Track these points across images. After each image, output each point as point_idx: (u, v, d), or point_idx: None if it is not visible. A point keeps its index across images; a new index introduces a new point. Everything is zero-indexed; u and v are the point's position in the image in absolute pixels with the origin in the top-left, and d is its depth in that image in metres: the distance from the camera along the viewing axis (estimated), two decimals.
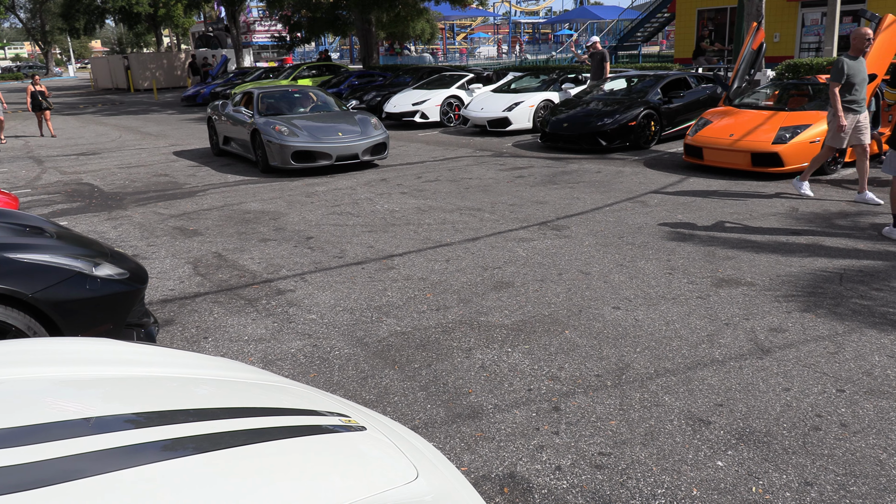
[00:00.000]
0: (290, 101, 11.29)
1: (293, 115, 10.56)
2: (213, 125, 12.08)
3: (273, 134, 9.70)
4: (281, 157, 9.64)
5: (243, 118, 10.66)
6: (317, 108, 11.28)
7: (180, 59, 38.19)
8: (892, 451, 2.85)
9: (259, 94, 10.98)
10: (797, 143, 8.16)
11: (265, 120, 10.08)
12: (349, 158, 9.91)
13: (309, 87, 12.03)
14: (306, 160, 9.70)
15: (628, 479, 2.73)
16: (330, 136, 9.83)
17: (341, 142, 9.83)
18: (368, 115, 10.85)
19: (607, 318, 4.35)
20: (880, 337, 3.93)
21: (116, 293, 3.42)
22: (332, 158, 9.75)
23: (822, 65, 12.50)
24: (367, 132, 10.16)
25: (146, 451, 1.39)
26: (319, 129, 9.97)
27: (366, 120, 10.52)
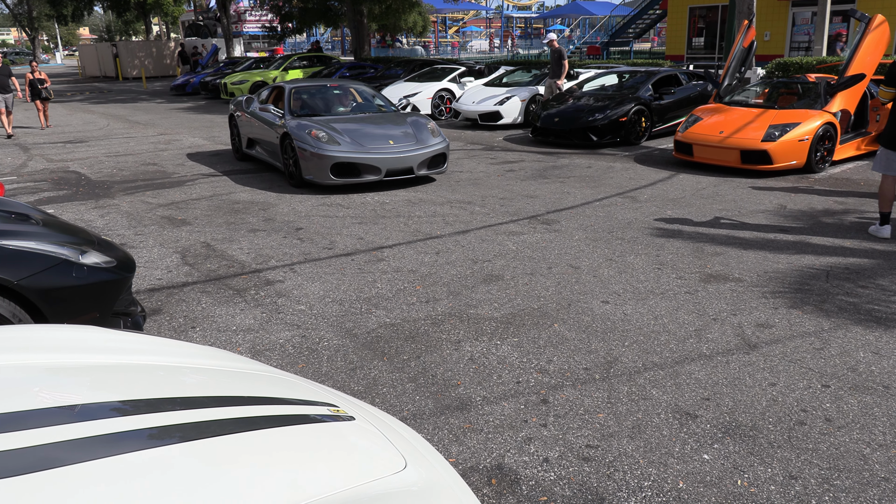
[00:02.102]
0: (329, 99, 9.44)
1: (332, 117, 8.72)
2: (235, 124, 10.28)
3: (308, 140, 7.86)
4: (318, 169, 7.82)
5: (271, 118, 8.82)
6: (360, 108, 9.46)
7: (170, 48, 37.86)
8: (876, 446, 2.88)
9: (291, 89, 9.10)
10: (786, 141, 8.20)
11: (298, 122, 8.22)
12: (401, 173, 8.01)
13: (350, 83, 10.02)
14: (349, 174, 7.86)
15: (615, 472, 2.75)
16: (378, 145, 7.95)
17: (393, 152, 7.93)
18: (422, 117, 8.93)
19: (596, 312, 4.36)
20: (865, 333, 3.97)
21: (103, 281, 3.39)
22: (380, 173, 7.87)
23: (812, 64, 12.57)
24: (423, 139, 8.25)
25: (132, 439, 1.37)
26: (365, 136, 8.09)
27: (420, 123, 8.61)
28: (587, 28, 37.59)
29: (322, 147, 7.79)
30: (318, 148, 7.79)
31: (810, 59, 13.19)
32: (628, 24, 29.56)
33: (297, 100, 9.05)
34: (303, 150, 7.90)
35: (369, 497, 1.39)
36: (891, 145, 5.77)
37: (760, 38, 20.60)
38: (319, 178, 7.90)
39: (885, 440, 2.92)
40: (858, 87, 8.68)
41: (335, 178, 7.84)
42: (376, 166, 7.85)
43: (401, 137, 8.21)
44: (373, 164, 7.84)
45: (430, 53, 43.90)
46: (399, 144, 8.06)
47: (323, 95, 9.48)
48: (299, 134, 8.01)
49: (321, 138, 7.86)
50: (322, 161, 7.78)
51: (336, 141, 7.86)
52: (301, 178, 8.13)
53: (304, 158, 7.92)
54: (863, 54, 8.42)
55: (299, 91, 9.28)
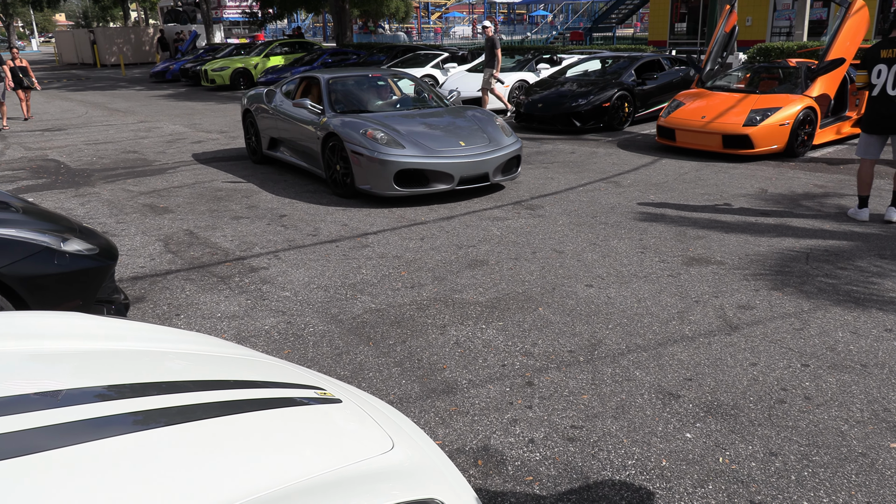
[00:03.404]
0: (372, 91, 8.16)
1: (382, 113, 7.47)
2: (252, 121, 8.91)
3: (363, 142, 6.54)
4: (377, 177, 6.51)
5: (307, 115, 7.55)
6: (409, 102, 8.15)
7: (148, 34, 37.31)
8: (854, 423, 2.94)
9: (328, 80, 7.82)
10: (767, 125, 8.27)
11: (347, 120, 6.96)
12: (476, 180, 6.78)
13: (390, 71, 8.75)
14: (416, 183, 6.59)
15: (600, 451, 2.79)
16: (448, 146, 6.69)
17: (466, 154, 6.67)
18: (485, 112, 7.66)
19: (580, 296, 4.39)
20: (844, 314, 4.04)
21: (85, 269, 3.37)
22: (453, 181, 6.62)
23: (793, 49, 12.65)
24: (496, 138, 7.03)
25: (116, 424, 1.37)
26: (430, 135, 6.81)
27: (487, 119, 7.39)
28: (570, 14, 37.53)
29: (382, 150, 6.46)
30: (377, 151, 6.45)
31: (791, 44, 13.28)
32: (611, 9, 29.55)
33: (336, 93, 7.73)
34: (357, 154, 6.57)
35: (357, 477, 1.40)
36: (869, 129, 5.86)
37: (742, 23, 20.68)
38: (379, 187, 6.55)
39: (862, 417, 2.98)
40: (838, 72, 8.75)
41: (400, 188, 6.51)
42: (448, 173, 6.57)
43: (471, 137, 6.95)
44: (444, 170, 6.55)
45: (412, 39, 43.64)
46: (471, 146, 6.79)
47: (365, 87, 8.15)
48: (350, 134, 6.67)
49: (379, 139, 6.54)
50: (384, 168, 6.44)
51: (398, 143, 6.56)
52: (352, 188, 6.83)
53: (359, 164, 6.58)
54: (842, 39, 8.48)
55: (338, 82, 7.90)
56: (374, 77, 8.34)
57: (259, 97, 8.78)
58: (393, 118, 7.20)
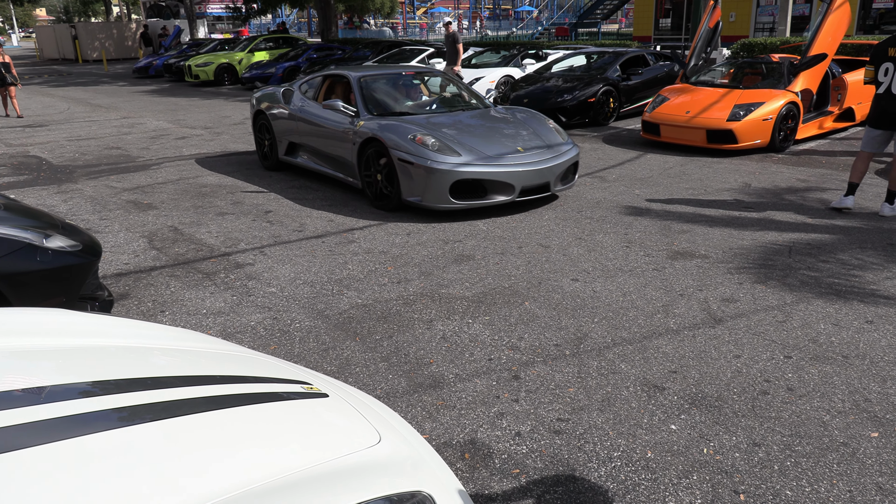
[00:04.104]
0: (407, 91, 7.47)
1: (421, 115, 6.79)
2: (265, 123, 8.13)
3: (412, 149, 5.87)
4: (430, 188, 5.82)
5: (338, 119, 6.84)
6: (450, 102, 7.41)
7: (131, 30, 36.92)
8: (835, 413, 2.98)
9: (360, 78, 7.10)
10: (750, 120, 8.34)
11: (389, 123, 6.26)
12: (537, 191, 6.17)
13: (424, 69, 8.06)
14: (472, 196, 5.95)
15: (586, 444, 2.81)
16: (506, 153, 6.04)
17: (526, 162, 6.02)
18: (533, 113, 7.08)
19: (566, 290, 4.41)
20: (826, 306, 4.09)
21: (69, 265, 3.34)
22: (514, 192, 5.98)
23: (776, 44, 12.75)
24: (555, 144, 6.42)
25: (101, 420, 1.37)
26: (483, 141, 6.17)
27: (539, 122, 6.81)
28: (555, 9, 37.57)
29: (436, 158, 5.78)
30: (429, 159, 5.77)
31: (774, 39, 13.38)
32: (596, 5, 29.60)
33: (370, 93, 7.03)
34: (405, 162, 5.87)
35: (344, 471, 1.40)
36: (873, 124, 6.00)
37: (726, 18, 20.82)
38: (432, 200, 5.87)
39: (843, 407, 3.02)
40: (820, 67, 8.84)
41: (456, 200, 5.87)
42: (509, 183, 5.93)
43: (529, 142, 6.32)
44: (505, 180, 5.90)
45: (398, 35, 43.52)
46: (530, 152, 6.16)
47: (400, 86, 7.47)
48: (396, 140, 5.98)
49: (430, 146, 5.86)
50: (438, 178, 5.76)
51: (452, 149, 5.89)
52: (397, 200, 6.14)
53: (408, 174, 5.89)
54: (824, 35, 8.57)
55: (371, 81, 7.18)
56: (407, 75, 7.65)
57: (274, 97, 8.05)
58: (437, 121, 6.54)
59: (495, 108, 7.24)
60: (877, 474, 2.58)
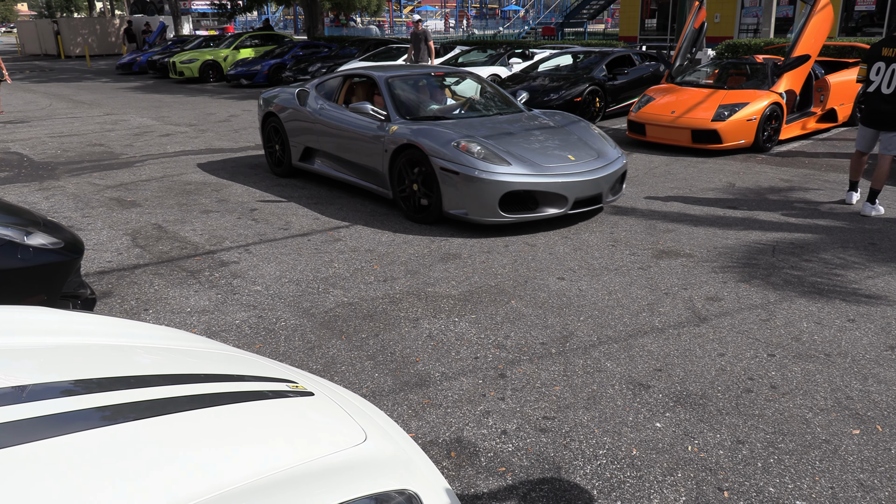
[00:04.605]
0: (439, 94, 6.96)
1: (458, 119, 6.27)
2: (276, 126, 7.60)
3: (458, 157, 5.38)
4: (479, 200, 5.36)
5: (366, 123, 6.31)
6: (482, 107, 6.91)
7: (114, 25, 36.54)
8: (818, 411, 3.01)
9: (388, 79, 6.59)
10: (735, 120, 8.41)
11: (426, 128, 5.77)
12: (590, 202, 5.74)
13: (453, 70, 7.57)
14: (522, 208, 5.49)
15: (571, 442, 2.81)
16: (557, 162, 5.58)
17: (579, 171, 5.57)
18: (574, 117, 6.65)
19: (552, 289, 4.42)
20: (808, 305, 4.13)
21: (50, 263, 3.29)
22: (566, 204, 5.52)
23: (760, 45, 12.86)
24: (604, 152, 5.97)
25: (84, 419, 1.35)
26: (531, 149, 5.70)
27: (584, 127, 6.38)
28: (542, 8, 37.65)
29: (484, 168, 5.31)
30: (477, 169, 5.30)
31: (758, 40, 13.50)
32: (582, 5, 29.71)
33: (401, 95, 6.50)
34: (448, 171, 5.40)
35: (329, 469, 1.40)
36: (864, 122, 6.15)
37: (711, 19, 20.97)
38: (478, 213, 5.40)
39: (825, 405, 3.05)
40: (804, 69, 8.92)
41: (506, 214, 5.40)
42: (563, 195, 5.46)
43: (579, 149, 5.88)
44: (558, 191, 5.44)
45: (384, 33, 43.42)
46: (581, 160, 5.71)
47: (432, 88, 6.95)
48: (436, 148, 5.49)
49: (476, 153, 5.40)
50: (487, 189, 5.29)
51: (500, 158, 5.42)
52: (437, 213, 5.65)
53: (451, 184, 5.42)
54: (808, 36, 8.65)
55: (399, 82, 6.64)
56: (436, 76, 7.15)
57: (288, 98, 7.48)
58: (476, 126, 6.03)
59: (531, 111, 6.85)
60: (858, 471, 2.61)
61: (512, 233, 5.55)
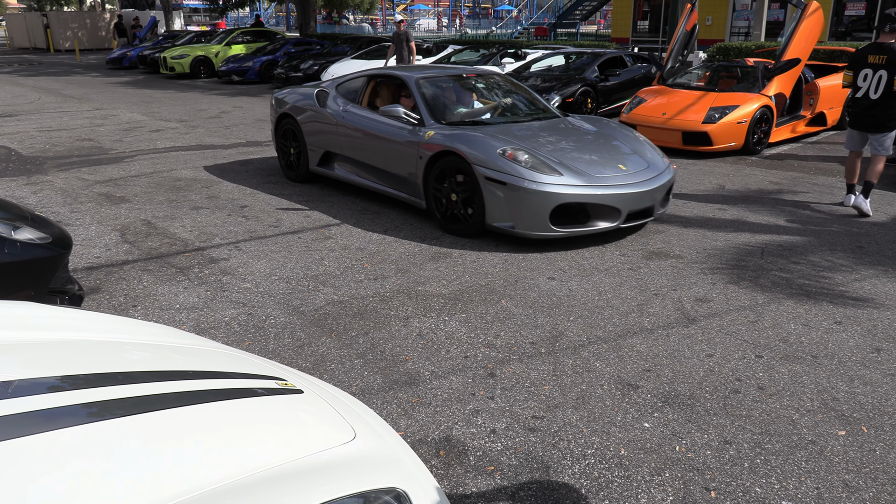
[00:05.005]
0: (473, 97, 6.52)
1: (497, 125, 5.87)
2: (292, 128, 7.15)
3: (504, 166, 5.01)
4: (528, 212, 4.98)
5: (395, 126, 5.92)
6: (518, 111, 6.48)
7: (105, 19, 36.28)
8: (804, 412, 3.03)
9: (418, 80, 6.21)
10: (725, 122, 8.45)
11: (466, 134, 5.39)
12: (642, 215, 5.37)
13: (484, 70, 7.07)
14: (573, 221, 5.13)
15: (560, 441, 2.82)
16: (609, 173, 5.23)
17: (631, 183, 5.21)
18: (615, 124, 6.30)
19: (542, 289, 4.43)
20: (796, 307, 4.16)
21: (38, 258, 3.27)
22: (619, 217, 5.17)
23: (751, 49, 12.93)
24: (654, 161, 5.61)
25: (71, 415, 1.34)
26: (579, 158, 5.34)
27: (630, 135, 6.02)
28: (535, 9, 37.71)
29: (534, 178, 4.94)
30: (526, 179, 4.93)
31: (749, 43, 13.58)
32: (575, 6, 29.78)
33: (434, 98, 6.10)
34: (495, 181, 5.01)
35: (318, 467, 1.39)
36: (852, 125, 6.29)
37: (702, 22, 21.07)
38: (527, 227, 5.04)
39: (812, 406, 3.08)
40: (794, 72, 8.99)
41: (557, 228, 5.04)
42: (616, 207, 5.11)
43: (628, 159, 5.50)
44: (612, 203, 5.08)
45: (377, 31, 43.34)
46: (632, 170, 5.35)
47: (464, 90, 6.52)
48: (480, 155, 5.11)
49: (524, 162, 5.03)
50: (538, 201, 4.92)
51: (550, 167, 5.06)
52: (480, 225, 5.27)
53: (496, 195, 5.04)
54: (798, 40, 8.71)
55: (432, 84, 6.24)
56: (468, 77, 6.69)
57: (306, 99, 7.03)
58: (517, 133, 5.64)
59: (567, 117, 6.44)
60: (843, 472, 2.64)
61: (502, 234, 5.56)
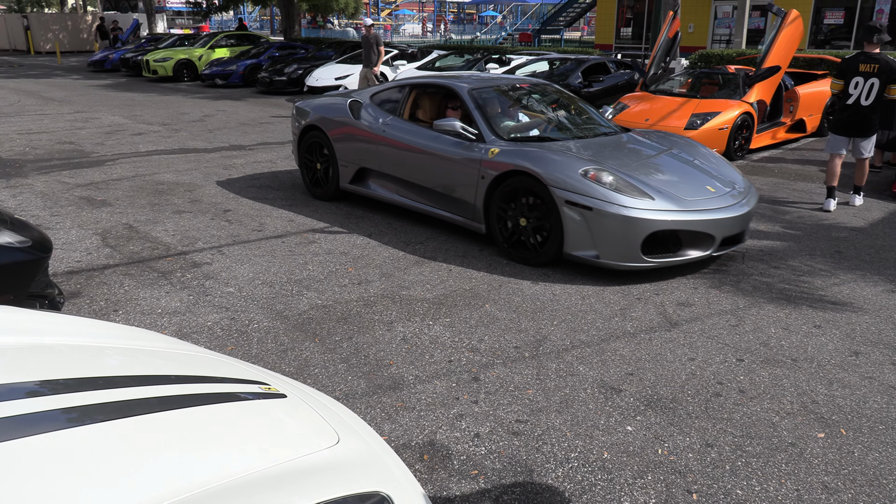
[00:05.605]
0: (531, 109, 6.09)
1: (563, 141, 5.39)
2: (319, 141, 6.60)
3: (588, 189, 4.53)
4: (617, 241, 4.50)
5: (449, 142, 5.40)
6: (576, 127, 5.95)
7: (86, 22, 35.95)
8: (784, 415, 3.06)
9: (472, 90, 5.68)
10: (707, 129, 8.53)
11: (535, 152, 4.87)
12: (734, 241, 4.94)
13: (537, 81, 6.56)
14: (662, 250, 4.64)
15: (544, 445, 2.83)
16: (698, 196, 4.77)
17: (723, 207, 4.75)
18: (681, 138, 5.92)
19: (526, 293, 4.45)
20: (776, 311, 4.21)
21: (17, 262, 3.23)
22: (713, 245, 4.71)
23: (733, 56, 13.08)
24: (737, 182, 5.20)
25: (48, 421, 1.32)
26: (664, 179, 4.88)
27: (707, 153, 5.63)
28: (519, 15, 37.92)
29: (623, 202, 4.47)
30: (615, 203, 4.46)
31: (731, 51, 13.74)
32: (559, 12, 29.98)
33: (493, 111, 5.62)
34: (578, 206, 4.52)
35: (302, 472, 1.39)
36: (836, 130, 6.53)
37: (685, 29, 21.30)
38: (615, 256, 4.54)
39: (792, 409, 3.11)
40: (774, 79, 9.10)
41: (649, 258, 4.56)
42: (711, 234, 4.67)
43: (712, 179, 5.07)
44: (707, 229, 4.63)
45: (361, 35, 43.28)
46: (720, 192, 4.90)
47: (520, 102, 6.07)
48: (559, 177, 4.61)
49: (608, 184, 4.56)
50: (630, 228, 4.44)
51: (640, 190, 4.60)
52: (555, 253, 4.76)
53: (579, 221, 4.55)
54: (778, 48, 8.83)
55: (487, 95, 5.74)
56: (522, 87, 6.19)
57: (336, 109, 6.42)
58: (587, 150, 5.16)
59: (629, 131, 6.01)
60: (823, 473, 2.67)
61: (486, 239, 5.57)
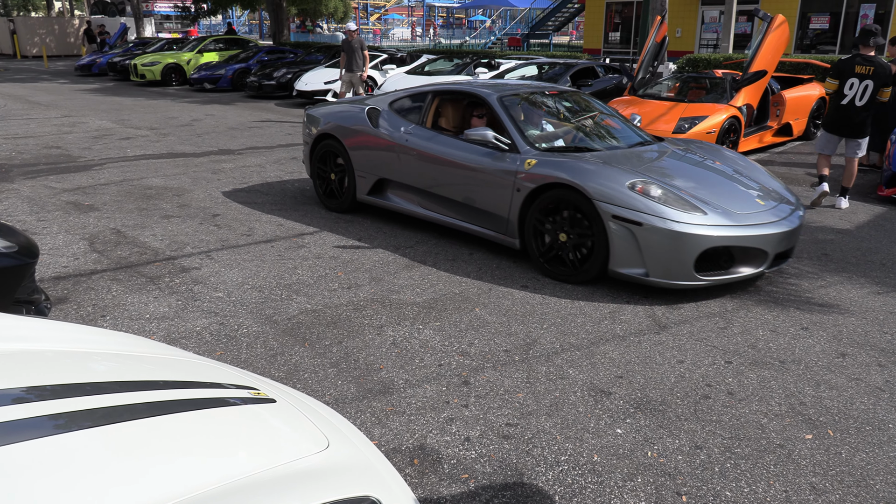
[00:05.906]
0: (564, 118, 5.80)
1: (599, 151, 5.10)
2: (334, 150, 6.28)
3: (637, 203, 4.29)
4: (671, 257, 4.26)
5: (479, 152, 5.14)
6: (612, 136, 5.59)
7: (74, 26, 35.75)
8: (772, 416, 3.08)
9: (501, 98, 5.38)
10: (695, 132, 8.59)
11: (575, 164, 4.62)
12: (784, 256, 4.75)
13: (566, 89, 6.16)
14: (714, 266, 4.42)
15: (534, 448, 2.83)
16: (749, 210, 4.56)
17: (774, 221, 4.53)
18: (713, 145, 5.79)
19: (516, 296, 4.46)
20: (764, 313, 4.23)
21: (3, 267, 3.20)
22: (765, 261, 4.49)
23: (720, 60, 13.18)
24: (784, 195, 5.02)
25: (35, 427, 1.31)
26: (713, 192, 4.65)
27: (742, 162, 5.43)
28: (508, 20, 38.04)
29: (676, 217, 4.24)
30: (667, 218, 4.23)
31: (718, 55, 13.84)
32: (548, 17, 30.10)
33: (525, 119, 5.39)
34: (628, 221, 4.28)
35: (291, 477, 1.38)
36: (829, 129, 6.68)
37: (672, 34, 21.45)
38: (667, 274, 4.31)
39: (780, 410, 3.13)
40: (761, 83, 9.18)
41: (702, 276, 4.34)
42: (763, 250, 4.44)
43: (760, 192, 4.86)
44: (760, 245, 4.41)
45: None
46: (770, 206, 4.69)
47: (552, 110, 5.81)
48: (605, 191, 4.36)
49: (658, 198, 4.33)
50: (684, 244, 4.21)
51: (692, 204, 4.37)
52: (601, 270, 4.53)
53: (627, 237, 4.32)
54: (765, 52, 8.91)
55: (517, 103, 5.46)
56: (551, 94, 5.91)
57: (352, 117, 6.13)
58: (628, 161, 4.91)
59: (664, 141, 5.77)
60: (811, 475, 2.69)
61: (476, 241, 5.57)
